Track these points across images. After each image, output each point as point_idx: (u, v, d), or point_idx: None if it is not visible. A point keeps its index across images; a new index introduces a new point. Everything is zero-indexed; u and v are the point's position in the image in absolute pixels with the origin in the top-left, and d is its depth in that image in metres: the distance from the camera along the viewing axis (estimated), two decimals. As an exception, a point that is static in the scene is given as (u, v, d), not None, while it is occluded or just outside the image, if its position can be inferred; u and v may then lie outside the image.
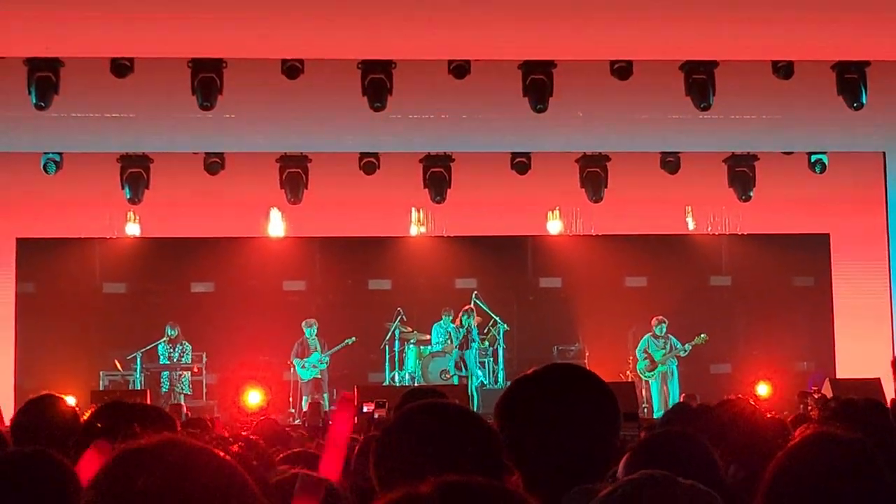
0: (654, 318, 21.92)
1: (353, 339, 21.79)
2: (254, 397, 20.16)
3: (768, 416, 5.12)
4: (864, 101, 18.66)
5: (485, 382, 21.50)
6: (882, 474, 3.18)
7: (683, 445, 3.88)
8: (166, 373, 21.59)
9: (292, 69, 17.84)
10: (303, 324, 21.95)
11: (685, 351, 21.79)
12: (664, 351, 21.71)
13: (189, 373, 21.79)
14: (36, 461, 3.39)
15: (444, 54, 18.03)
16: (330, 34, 16.87)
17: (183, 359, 21.79)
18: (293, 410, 21.39)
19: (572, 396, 3.28)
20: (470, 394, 19.94)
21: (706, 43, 17.69)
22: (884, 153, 22.00)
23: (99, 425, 4.12)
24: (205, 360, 22.03)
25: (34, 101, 17.14)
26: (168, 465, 2.01)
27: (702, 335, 21.78)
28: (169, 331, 21.73)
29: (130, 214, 21.92)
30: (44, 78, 17.15)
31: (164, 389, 21.35)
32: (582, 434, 3.22)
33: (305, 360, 21.68)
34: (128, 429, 3.54)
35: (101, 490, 2.02)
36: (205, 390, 22.02)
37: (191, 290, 23.23)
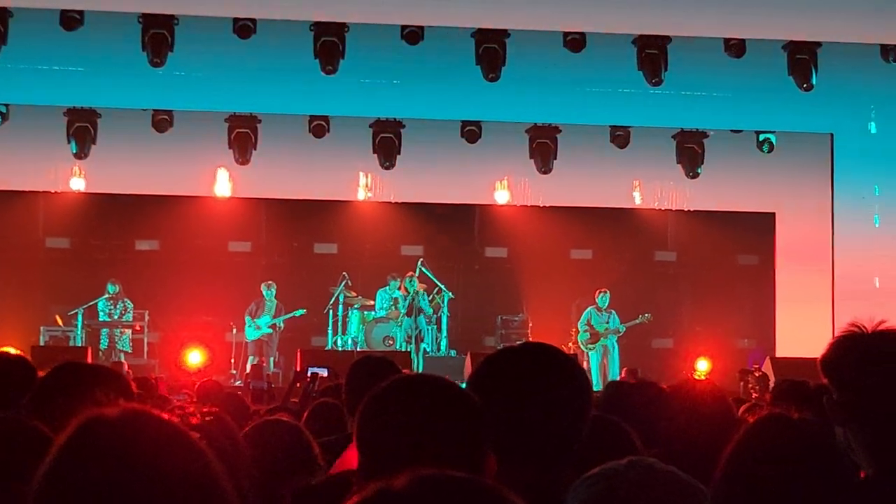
0: (598, 291, 21.97)
1: (304, 311, 21.71)
2: (195, 357, 20.09)
3: (714, 394, 5.12)
4: (814, 83, 18.77)
5: (427, 350, 21.51)
6: (840, 456, 3.20)
7: (605, 431, 3.89)
8: (106, 330, 21.44)
9: (244, 28, 17.71)
10: (262, 284, 21.83)
11: (621, 331, 21.83)
12: (607, 325, 21.78)
13: (130, 331, 21.64)
14: (12, 427, 3.32)
15: (397, 19, 17.96)
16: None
17: (124, 317, 21.63)
18: (234, 371, 21.31)
19: (552, 375, 3.26)
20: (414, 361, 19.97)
21: (659, 18, 17.71)
22: (831, 135, 22.15)
23: (55, 387, 4.06)
24: (147, 318, 21.88)
25: (-21, 51, 16.94)
26: (129, 439, 1.98)
27: (645, 315, 21.82)
28: (110, 287, 21.55)
29: (76, 169, 21.71)
30: (-9, 28, 16.94)
31: (103, 346, 21.20)
32: (560, 413, 3.20)
33: (256, 319, 21.59)
34: (85, 391, 3.50)
35: (61, 460, 1.99)
36: (146, 349, 21.88)
37: (135, 247, 23.06)
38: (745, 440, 3.23)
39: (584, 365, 21.33)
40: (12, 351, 5.94)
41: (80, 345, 20.35)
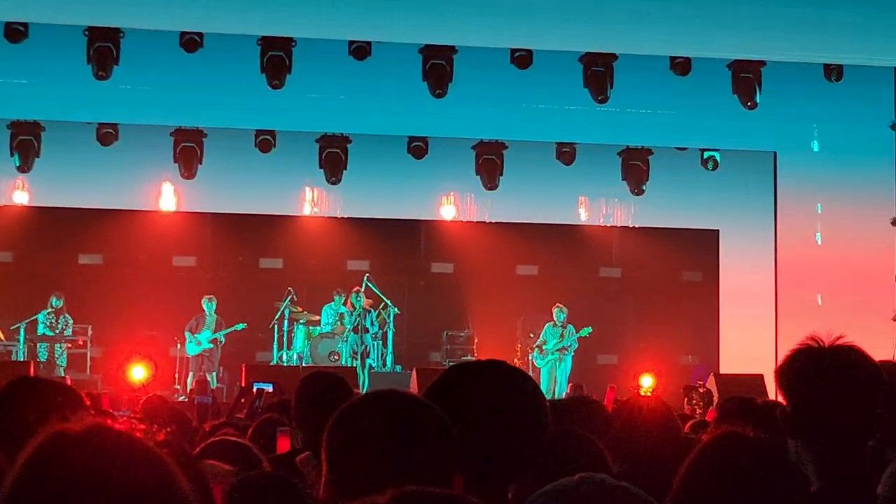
0: (556, 305, 21.95)
1: (244, 325, 21.61)
2: (138, 372, 19.93)
3: (660, 410, 5.14)
4: (758, 101, 18.94)
5: (373, 366, 21.47)
6: (793, 474, 3.22)
7: (575, 444, 3.90)
8: (45, 344, 21.24)
9: (191, 42, 17.67)
10: (203, 298, 21.71)
11: (573, 346, 21.87)
12: (557, 339, 21.82)
13: (69, 345, 21.45)
14: None
15: (344, 35, 17.97)
16: (230, 9, 16.72)
17: (66, 331, 21.45)
18: (178, 387, 21.18)
19: (513, 391, 3.27)
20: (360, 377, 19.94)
21: (605, 36, 17.82)
22: (774, 153, 22.34)
23: (11, 402, 4.01)
24: (90, 332, 21.71)
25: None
26: (96, 455, 1.97)
27: (587, 328, 21.88)
28: (54, 301, 21.38)
29: (19, 182, 21.54)
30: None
31: (42, 360, 20.99)
32: (519, 429, 3.22)
33: (196, 335, 21.48)
34: (42, 406, 3.47)
35: (25, 477, 1.97)
36: (89, 364, 21.70)
37: (79, 261, 22.87)
38: (701, 457, 3.24)
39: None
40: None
41: (22, 359, 20.15)
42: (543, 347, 21.76)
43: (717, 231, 23.35)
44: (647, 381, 20.55)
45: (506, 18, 17.10)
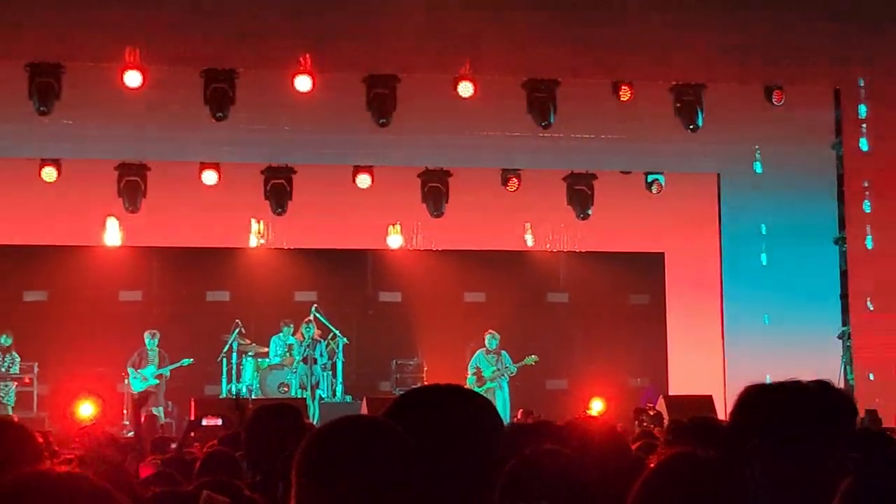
0: (487, 332, 22.02)
1: (191, 360, 21.50)
2: (86, 409, 19.73)
3: (612, 432, 5.15)
4: (700, 124, 19.08)
5: (323, 396, 21.40)
6: (745, 495, 3.23)
7: (555, 464, 3.90)
8: (-9, 383, 21.05)
9: (132, 76, 17.59)
10: (145, 333, 21.59)
11: (512, 371, 21.92)
12: (494, 368, 21.84)
13: (16, 384, 21.26)
14: None
15: (287, 66, 17.97)
16: (173, 42, 16.70)
17: (12, 369, 21.26)
18: (127, 423, 21.01)
19: (471, 413, 3.31)
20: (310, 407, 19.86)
21: (548, 62, 17.92)
22: (718, 174, 22.49)
23: None
24: (36, 370, 21.53)
25: None
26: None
27: (531, 356, 21.91)
28: (3, 339, 21.20)
29: (-39, 220, 21.35)
30: None
31: (-10, 399, 20.81)
32: (478, 450, 3.24)
33: (140, 370, 21.34)
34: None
35: None
36: (35, 402, 21.51)
37: (23, 298, 22.68)
38: (653, 479, 3.25)
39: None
40: None
41: (-33, 399, 19.95)
42: (482, 375, 21.77)
43: (663, 254, 23.47)
44: (597, 405, 20.59)
45: (447, 46, 17.17)
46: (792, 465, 3.31)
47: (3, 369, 21.23)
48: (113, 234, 21.99)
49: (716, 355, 22.02)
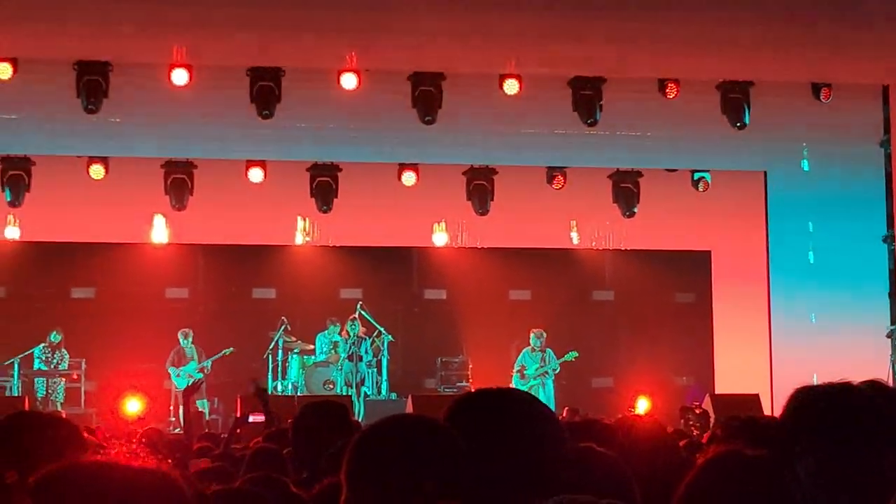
0: (532, 330, 22.00)
1: (232, 349, 21.62)
2: (133, 405, 19.87)
3: (660, 431, 5.13)
4: (747, 121, 18.97)
5: (368, 394, 21.44)
6: (795, 495, 3.21)
7: (597, 463, 3.88)
8: (42, 379, 21.21)
9: (180, 74, 17.66)
10: (179, 333, 21.71)
11: (556, 369, 21.89)
12: (538, 365, 21.81)
13: (65, 380, 21.42)
14: None
15: (333, 63, 18.00)
16: (219, 40, 16.76)
17: (60, 365, 21.42)
18: (173, 419, 21.13)
19: (532, 415, 3.30)
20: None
21: (594, 59, 17.86)
22: (765, 172, 22.36)
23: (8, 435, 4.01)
24: (84, 367, 21.68)
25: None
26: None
27: (571, 352, 21.88)
28: (53, 336, 21.37)
29: (10, 217, 21.51)
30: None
31: (39, 395, 20.97)
32: (536, 452, 3.23)
33: (181, 368, 21.46)
34: (39, 439, 3.46)
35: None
36: (83, 398, 21.66)
37: (71, 295, 22.84)
38: (702, 477, 3.23)
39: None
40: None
41: (16, 394, 20.10)
42: (525, 373, 21.77)
43: (709, 252, 23.36)
44: (642, 404, 20.53)
45: (493, 44, 17.14)
46: (843, 465, 3.28)
47: (52, 366, 21.40)
48: (160, 232, 22.12)
49: (762, 354, 21.91)
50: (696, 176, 22.05)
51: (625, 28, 16.44)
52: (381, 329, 21.93)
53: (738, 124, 19.02)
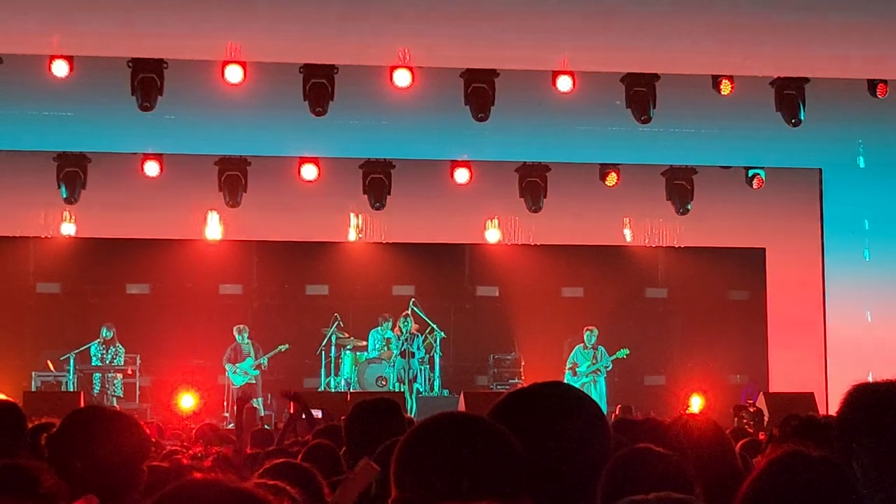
0: (585, 328, 21.97)
1: (287, 346, 21.71)
2: (187, 401, 20.03)
3: (713, 429, 5.10)
4: (802, 118, 18.81)
5: (420, 390, 21.47)
6: (857, 494, 3.19)
7: (657, 463, 3.87)
8: (98, 374, 21.38)
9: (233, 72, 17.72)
10: (234, 329, 21.81)
11: (608, 366, 21.85)
12: (590, 362, 21.77)
13: (121, 375, 21.59)
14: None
15: (386, 60, 17.99)
16: (273, 37, 16.80)
17: (115, 361, 21.59)
18: (227, 415, 21.23)
19: (582, 413, 3.29)
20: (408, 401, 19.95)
21: (647, 56, 17.76)
22: (820, 170, 22.22)
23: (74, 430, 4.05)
24: (139, 362, 21.83)
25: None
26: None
27: (623, 349, 21.82)
28: (105, 332, 21.53)
29: (66, 214, 21.70)
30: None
31: (95, 391, 21.13)
32: (589, 451, 3.23)
33: (238, 365, 21.55)
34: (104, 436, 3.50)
35: None
36: (138, 393, 21.81)
37: (126, 291, 23.01)
38: (766, 478, 3.21)
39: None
40: (2, 397, 5.95)
41: (72, 390, 20.27)
42: (577, 370, 21.73)
43: (764, 250, 23.23)
44: (696, 402, 20.46)
45: (547, 40, 17.08)
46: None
47: (108, 361, 21.57)
48: (214, 229, 22.24)
49: (817, 352, 21.77)
50: (751, 173, 21.93)
51: (678, 24, 16.34)
52: (434, 326, 21.97)
53: (794, 121, 18.86)
